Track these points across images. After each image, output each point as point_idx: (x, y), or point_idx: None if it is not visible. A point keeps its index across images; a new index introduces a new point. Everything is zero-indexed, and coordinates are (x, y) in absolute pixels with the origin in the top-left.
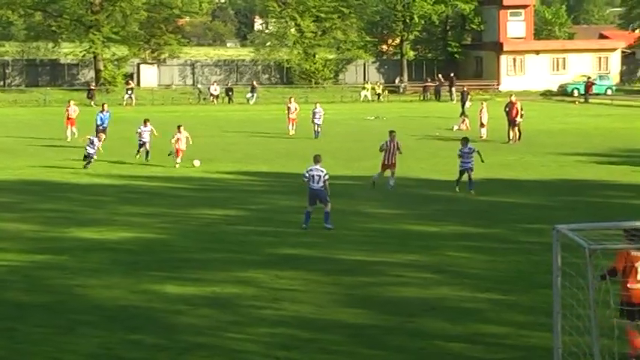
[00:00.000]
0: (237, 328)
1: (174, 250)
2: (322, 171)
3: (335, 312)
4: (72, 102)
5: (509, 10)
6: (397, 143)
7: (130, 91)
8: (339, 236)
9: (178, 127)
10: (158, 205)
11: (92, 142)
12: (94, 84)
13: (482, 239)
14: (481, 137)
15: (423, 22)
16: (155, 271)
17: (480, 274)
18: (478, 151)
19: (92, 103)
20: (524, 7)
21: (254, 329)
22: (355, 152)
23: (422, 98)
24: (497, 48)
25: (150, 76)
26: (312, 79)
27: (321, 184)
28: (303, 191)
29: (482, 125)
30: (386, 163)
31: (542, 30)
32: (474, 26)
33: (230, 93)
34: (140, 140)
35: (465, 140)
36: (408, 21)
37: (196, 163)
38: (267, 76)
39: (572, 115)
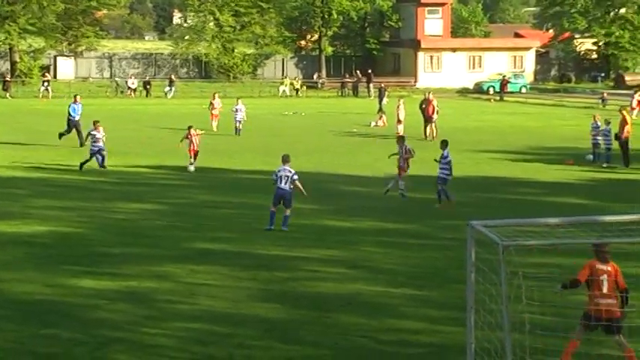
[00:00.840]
0: (153, 323)
1: (91, 244)
2: (290, 171)
3: (251, 307)
4: None
5: (427, 8)
6: (407, 148)
7: (46, 84)
8: (256, 231)
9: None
10: (75, 198)
11: (95, 136)
12: (9, 76)
13: (398, 235)
14: (398, 134)
15: (341, 18)
16: (71, 265)
17: (395, 270)
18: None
19: (7, 95)
20: (441, 4)
21: (170, 324)
22: (274, 147)
23: (340, 94)
24: (415, 45)
25: (67, 68)
26: (231, 74)
27: (288, 185)
28: (220, 186)
29: (399, 122)
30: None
31: (459, 28)
32: (392, 23)
33: (148, 86)
34: (94, 147)
35: (443, 144)
36: (326, 17)
37: (191, 168)
38: (185, 70)
39: (487, 112)
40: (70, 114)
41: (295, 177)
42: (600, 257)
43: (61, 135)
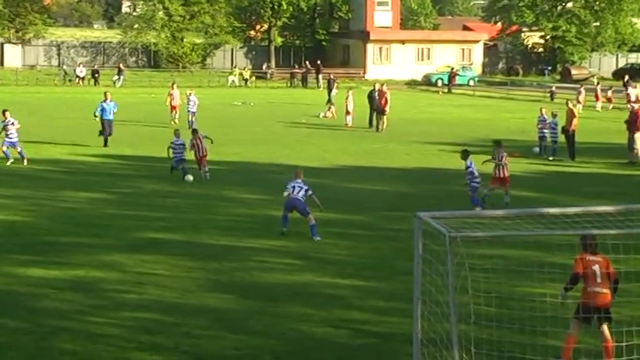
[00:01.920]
0: (101, 312)
1: (38, 233)
2: (303, 186)
3: (199, 296)
4: None
5: (377, 0)
6: (503, 154)
7: None
8: (204, 221)
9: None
10: (22, 187)
11: (181, 144)
12: None
13: (346, 226)
14: (346, 125)
15: (291, 8)
16: (18, 254)
17: (343, 260)
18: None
19: None
20: None
21: (117, 313)
22: (222, 137)
23: (289, 85)
24: (364, 37)
25: (14, 56)
26: (180, 63)
27: (301, 194)
28: (168, 176)
29: (348, 113)
30: (497, 176)
31: (408, 20)
32: (342, 14)
33: (96, 75)
34: (9, 139)
35: (464, 154)
36: (276, 7)
37: (189, 178)
38: (134, 59)
39: (435, 104)
40: (99, 113)
41: (310, 192)
42: (588, 249)
43: (102, 136)
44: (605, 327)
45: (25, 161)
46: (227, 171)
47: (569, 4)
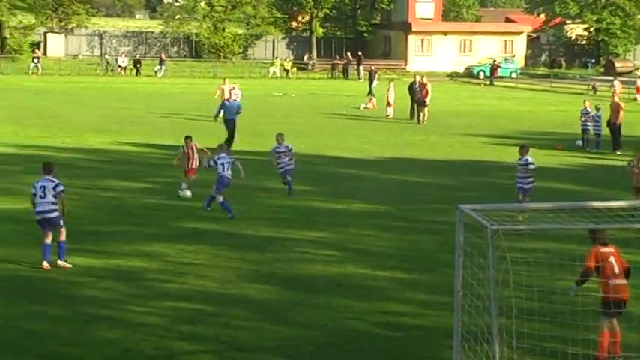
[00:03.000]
0: (141, 301)
1: (80, 222)
2: (229, 159)
3: (240, 287)
4: None
5: None
6: None
7: (36, 60)
8: (245, 212)
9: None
10: (65, 176)
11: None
12: None
13: (388, 218)
14: (387, 116)
15: None
16: None
17: (385, 252)
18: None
19: None
20: None
21: (158, 302)
22: (262, 128)
23: (330, 76)
24: (406, 28)
25: (57, 45)
26: (221, 54)
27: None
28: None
29: (388, 104)
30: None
31: (450, 11)
32: (384, 5)
33: (138, 65)
34: None
35: (523, 149)
36: None
37: (187, 193)
38: (175, 49)
39: (477, 97)
40: (221, 113)
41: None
42: (600, 242)
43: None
44: (615, 320)
45: None
46: (267, 162)
47: None
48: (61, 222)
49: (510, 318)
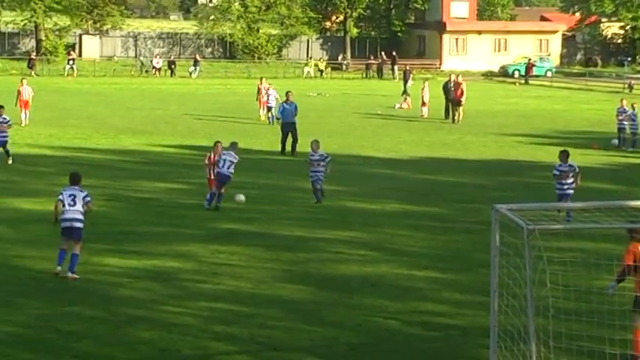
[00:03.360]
0: (177, 302)
1: (115, 223)
2: (233, 159)
3: (274, 287)
4: (25, 81)
5: None
6: None
7: (71, 62)
8: (278, 212)
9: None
10: (99, 177)
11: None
12: (34, 54)
13: (422, 217)
14: (422, 116)
15: None
16: (95, 243)
17: (420, 252)
18: (578, 172)
19: (33, 73)
20: None
21: (193, 303)
22: (297, 128)
23: (364, 76)
24: (440, 27)
25: (92, 47)
26: (255, 54)
27: (231, 168)
28: (245, 167)
29: (423, 104)
30: None
31: (484, 11)
32: (418, 5)
33: (172, 66)
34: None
35: (564, 154)
36: None
37: (240, 197)
38: (210, 49)
39: (512, 96)
40: (278, 116)
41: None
42: (638, 239)
43: (292, 145)
44: None
45: (10, 160)
46: (302, 162)
47: None
48: (82, 235)
49: (547, 318)
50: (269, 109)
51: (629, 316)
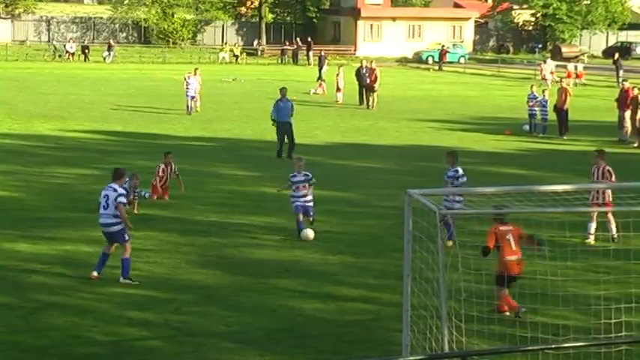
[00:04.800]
0: (90, 288)
1: (28, 209)
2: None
3: (189, 273)
4: None
5: None
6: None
7: None
8: (194, 198)
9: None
10: (12, 162)
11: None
12: None
13: (336, 203)
14: (337, 102)
15: None
16: (7, 229)
17: (334, 238)
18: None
19: None
20: None
21: (107, 289)
22: (212, 114)
23: (280, 61)
24: (355, 14)
25: (4, 31)
26: (170, 40)
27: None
28: (158, 152)
29: (338, 90)
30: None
31: None
32: None
33: (86, 51)
34: None
35: (452, 157)
36: None
37: (309, 233)
38: (124, 34)
39: (426, 82)
40: (273, 117)
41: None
42: (500, 220)
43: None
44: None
45: None
46: (217, 147)
47: None
48: (126, 237)
49: (459, 301)
50: (192, 98)
51: (540, 299)
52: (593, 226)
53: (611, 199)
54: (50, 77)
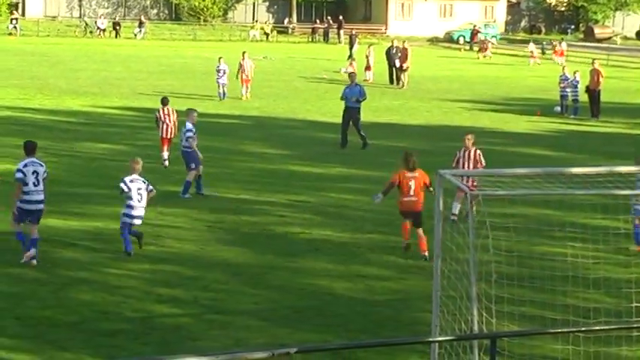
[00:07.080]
0: (120, 264)
1: (58, 184)
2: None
3: (218, 250)
4: None
5: None
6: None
7: (14, 21)
8: (223, 175)
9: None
10: (43, 137)
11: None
12: None
13: (366, 182)
14: (367, 80)
15: None
16: None
17: (363, 216)
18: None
19: None
20: None
21: (136, 265)
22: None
23: (310, 40)
24: None
25: (36, 6)
26: (201, 17)
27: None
28: None
29: (368, 68)
30: None
31: None
32: None
33: (117, 27)
34: None
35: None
36: None
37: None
38: (155, 11)
39: (457, 62)
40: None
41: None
42: (408, 167)
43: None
44: (420, 230)
45: None
46: (247, 125)
47: None
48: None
49: (489, 283)
50: (223, 85)
51: (571, 281)
52: None
53: None
54: (81, 53)
